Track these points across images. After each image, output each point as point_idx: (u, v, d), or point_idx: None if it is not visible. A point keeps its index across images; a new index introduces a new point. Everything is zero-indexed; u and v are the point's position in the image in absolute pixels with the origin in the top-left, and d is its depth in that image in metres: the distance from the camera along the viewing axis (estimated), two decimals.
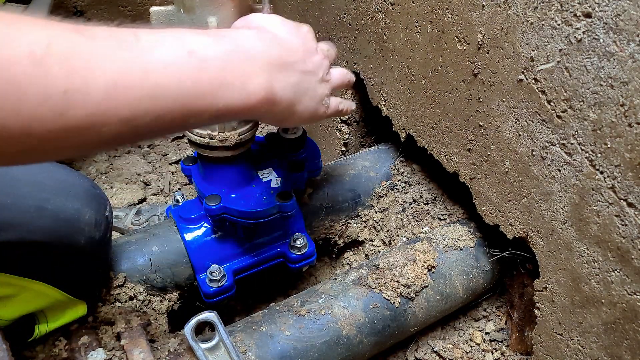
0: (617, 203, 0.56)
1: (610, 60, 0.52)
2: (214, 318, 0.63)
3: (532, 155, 0.66)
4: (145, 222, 1.11)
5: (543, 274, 0.69)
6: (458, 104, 0.77)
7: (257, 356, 0.67)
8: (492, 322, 0.89)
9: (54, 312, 0.64)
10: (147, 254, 0.80)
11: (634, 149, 0.52)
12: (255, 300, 1.01)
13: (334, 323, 0.72)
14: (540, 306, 0.71)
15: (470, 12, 0.69)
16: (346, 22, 0.99)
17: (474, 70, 0.71)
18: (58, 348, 0.65)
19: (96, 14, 1.28)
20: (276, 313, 0.73)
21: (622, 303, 0.58)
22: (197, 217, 0.81)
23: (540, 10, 0.59)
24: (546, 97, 0.61)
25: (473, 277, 0.83)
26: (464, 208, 0.91)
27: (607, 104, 0.54)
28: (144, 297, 0.77)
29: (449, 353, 0.87)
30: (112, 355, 0.64)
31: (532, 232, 0.69)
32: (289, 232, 0.86)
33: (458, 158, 0.80)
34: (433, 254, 0.81)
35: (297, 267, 0.86)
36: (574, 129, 0.59)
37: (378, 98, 0.96)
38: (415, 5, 0.79)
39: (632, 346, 0.58)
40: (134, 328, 0.67)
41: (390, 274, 0.78)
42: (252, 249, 0.84)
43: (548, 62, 0.60)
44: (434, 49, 0.78)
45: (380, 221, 0.99)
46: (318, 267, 1.07)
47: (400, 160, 1.01)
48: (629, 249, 0.56)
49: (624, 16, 0.50)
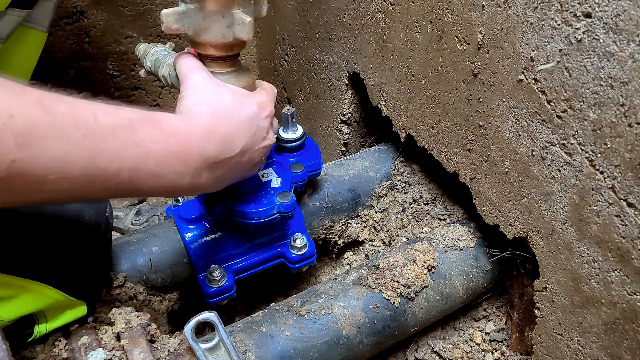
0: (617, 203, 0.56)
1: (610, 60, 0.52)
2: (214, 318, 0.63)
3: (532, 155, 0.66)
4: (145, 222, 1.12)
5: (543, 274, 0.69)
6: (458, 104, 0.77)
7: (257, 356, 0.67)
8: (492, 322, 0.89)
9: (54, 312, 0.64)
10: (147, 254, 0.80)
11: (634, 149, 0.52)
12: (255, 300, 1.01)
13: (334, 323, 0.72)
14: (540, 306, 0.71)
15: (470, 12, 0.69)
16: (346, 22, 0.99)
17: (474, 70, 0.71)
18: (58, 348, 0.65)
19: (96, 14, 1.28)
20: (276, 313, 0.73)
21: (622, 303, 0.58)
22: (197, 217, 0.81)
23: (540, 10, 0.59)
24: (546, 97, 0.61)
25: (473, 277, 0.83)
26: (464, 208, 0.91)
27: (607, 104, 0.54)
28: (144, 297, 0.77)
29: (449, 353, 0.87)
30: (112, 355, 0.64)
31: (532, 232, 0.69)
32: (288, 232, 0.86)
33: (458, 158, 0.80)
34: (433, 254, 0.81)
35: (297, 267, 0.86)
36: (574, 129, 0.59)
37: (378, 98, 0.96)
38: (415, 5, 0.79)
39: (632, 346, 0.58)
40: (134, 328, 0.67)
41: (390, 274, 0.78)
42: (252, 249, 0.84)
43: (548, 62, 0.60)
44: (434, 49, 0.78)
45: (380, 221, 0.99)
46: (318, 267, 1.07)
47: (400, 160, 1.01)
48: (629, 249, 0.56)
49: (624, 16, 0.50)
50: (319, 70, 1.14)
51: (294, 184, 0.84)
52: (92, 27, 1.29)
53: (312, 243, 0.86)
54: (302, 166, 0.85)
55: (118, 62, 1.37)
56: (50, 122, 0.40)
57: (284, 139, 0.86)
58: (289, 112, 0.86)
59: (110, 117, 0.45)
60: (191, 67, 0.62)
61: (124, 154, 0.46)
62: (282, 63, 1.33)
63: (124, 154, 0.46)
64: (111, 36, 1.32)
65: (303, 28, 1.16)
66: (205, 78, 0.61)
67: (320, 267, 1.08)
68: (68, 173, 0.42)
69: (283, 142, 0.86)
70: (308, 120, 1.24)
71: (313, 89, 1.20)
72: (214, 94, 0.59)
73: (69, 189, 0.43)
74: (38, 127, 0.39)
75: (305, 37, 1.16)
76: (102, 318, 0.70)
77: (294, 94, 1.31)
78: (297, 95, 1.29)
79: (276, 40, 1.32)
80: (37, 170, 0.40)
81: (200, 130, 0.54)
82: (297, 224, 0.87)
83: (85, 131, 0.42)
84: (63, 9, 1.24)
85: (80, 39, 1.29)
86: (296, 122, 0.88)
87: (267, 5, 0.67)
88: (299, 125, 0.88)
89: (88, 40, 1.31)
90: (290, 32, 1.23)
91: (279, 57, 1.34)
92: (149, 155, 0.48)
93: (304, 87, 1.24)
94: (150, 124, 0.49)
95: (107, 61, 1.36)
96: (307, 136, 0.89)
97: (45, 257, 0.61)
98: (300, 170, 0.84)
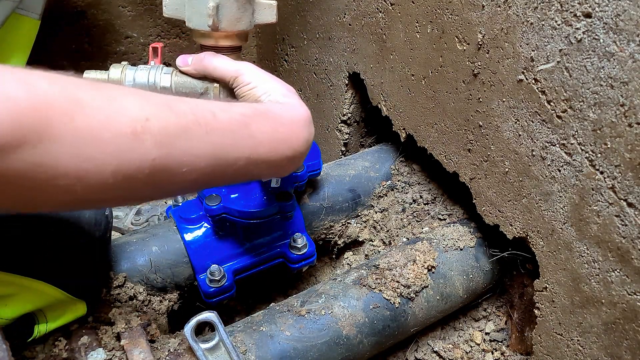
0: (617, 203, 0.56)
1: (610, 60, 0.52)
2: (214, 318, 0.63)
3: (532, 155, 0.66)
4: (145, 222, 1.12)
5: (543, 274, 0.69)
6: (458, 104, 0.77)
7: (257, 356, 0.67)
8: (492, 322, 0.89)
9: (54, 311, 0.64)
10: (147, 254, 0.80)
11: (634, 149, 0.52)
12: (255, 300, 1.01)
13: (334, 323, 0.72)
14: (540, 306, 0.71)
15: (470, 12, 0.69)
16: (346, 22, 0.99)
17: (474, 70, 0.71)
18: (58, 348, 0.65)
19: (96, 14, 1.28)
20: (276, 313, 0.73)
21: (622, 303, 0.58)
22: (197, 217, 0.81)
23: (540, 10, 0.59)
24: (546, 97, 0.61)
25: (473, 277, 0.83)
26: (464, 208, 0.91)
27: (607, 104, 0.54)
28: (144, 297, 0.77)
29: (449, 353, 0.87)
30: (112, 355, 0.64)
31: (532, 232, 0.69)
32: (288, 232, 0.86)
33: (458, 158, 0.80)
34: (433, 254, 0.81)
35: (297, 267, 0.86)
36: (574, 129, 0.59)
37: (378, 98, 0.96)
38: (415, 5, 0.79)
39: (632, 346, 0.58)
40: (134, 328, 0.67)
41: (390, 274, 0.78)
42: (252, 249, 0.84)
43: (548, 62, 0.60)
44: (434, 49, 0.78)
45: (380, 221, 0.99)
46: (318, 267, 1.07)
47: (400, 160, 1.01)
48: (629, 249, 0.56)
49: (624, 16, 0.50)
50: (319, 70, 1.14)
51: (294, 184, 0.84)
52: (92, 27, 1.29)
53: (312, 243, 0.86)
54: (302, 166, 0.85)
55: (118, 62, 1.37)
56: (178, 121, 0.44)
57: None
58: None
59: (226, 113, 0.49)
60: (230, 61, 0.65)
61: (241, 145, 0.50)
62: (282, 63, 1.33)
63: (240, 145, 0.50)
64: (111, 36, 1.32)
65: (303, 28, 1.16)
66: (254, 66, 0.65)
67: (320, 267, 1.08)
68: (196, 165, 0.46)
69: None
70: None
71: (313, 89, 1.20)
72: (276, 79, 0.65)
73: (197, 178, 0.47)
74: (169, 127, 0.43)
75: (305, 37, 1.16)
76: (102, 318, 0.70)
77: None
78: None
79: (276, 40, 1.32)
80: (172, 165, 0.44)
81: (303, 115, 0.59)
82: (297, 224, 0.87)
83: (207, 127, 0.47)
84: (63, 9, 1.24)
85: (80, 39, 1.29)
86: None
87: None
88: None
89: (88, 40, 1.31)
90: (290, 32, 1.23)
91: (279, 57, 1.34)
92: (260, 145, 0.52)
93: (304, 87, 1.24)
94: (260, 117, 0.53)
95: (107, 61, 1.36)
96: None
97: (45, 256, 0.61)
98: (300, 170, 0.84)
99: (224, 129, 0.49)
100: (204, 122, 0.47)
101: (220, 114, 0.49)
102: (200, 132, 0.46)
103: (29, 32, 0.82)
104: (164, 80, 0.69)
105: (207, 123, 0.47)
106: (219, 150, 0.48)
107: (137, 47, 1.37)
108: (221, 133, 0.48)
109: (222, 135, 0.48)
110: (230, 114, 0.50)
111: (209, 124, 0.47)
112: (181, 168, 0.45)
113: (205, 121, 0.47)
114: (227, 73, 0.64)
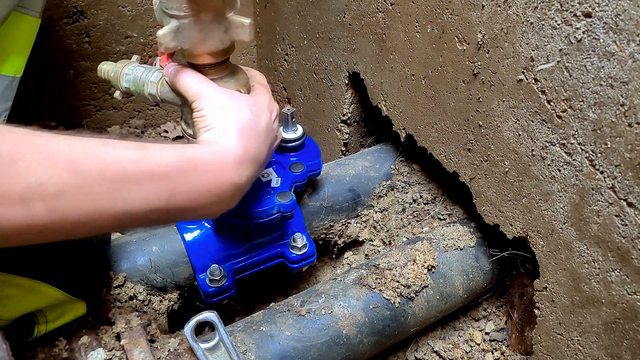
0: (617, 203, 0.56)
1: (610, 60, 0.52)
2: (214, 318, 0.63)
3: (532, 155, 0.66)
4: None
5: (543, 274, 0.69)
6: (458, 104, 0.77)
7: (257, 356, 0.67)
8: (492, 322, 0.89)
9: (54, 312, 0.64)
10: (147, 254, 0.80)
11: (634, 149, 0.52)
12: (255, 300, 1.01)
13: (334, 323, 0.72)
14: (540, 306, 0.71)
15: (470, 12, 0.69)
16: (346, 22, 0.99)
17: (474, 70, 0.71)
18: (58, 348, 0.65)
19: (96, 14, 1.28)
20: (276, 313, 0.73)
21: (622, 303, 0.58)
22: None
23: (540, 10, 0.59)
24: (546, 97, 0.61)
25: (473, 277, 0.83)
26: (464, 208, 0.91)
27: (607, 104, 0.54)
28: (144, 297, 0.77)
29: (449, 353, 0.87)
30: (112, 355, 0.64)
31: (532, 232, 0.69)
32: (288, 232, 0.86)
33: (458, 158, 0.80)
34: (433, 254, 0.81)
35: (297, 267, 0.86)
36: (574, 129, 0.59)
37: (378, 98, 0.96)
38: (415, 5, 0.79)
39: (632, 346, 0.58)
40: (134, 328, 0.67)
41: (390, 274, 0.78)
42: (252, 249, 0.84)
43: (548, 62, 0.60)
44: (434, 49, 0.78)
45: (380, 221, 0.99)
46: (318, 267, 1.07)
47: (400, 160, 1.01)
48: (629, 249, 0.56)
49: (624, 16, 0.50)
50: (319, 70, 1.14)
51: (294, 184, 0.84)
52: (92, 27, 1.29)
53: (312, 243, 0.86)
54: (302, 166, 0.85)
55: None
56: (79, 183, 0.44)
57: (284, 138, 0.86)
58: (289, 112, 0.86)
59: (137, 165, 0.48)
60: (197, 81, 0.62)
61: (154, 199, 0.49)
62: (282, 63, 1.33)
63: (153, 198, 0.48)
64: (111, 36, 1.32)
65: (303, 28, 1.16)
66: (217, 91, 0.62)
67: (320, 267, 1.08)
68: (100, 222, 0.46)
69: (283, 142, 0.86)
70: (308, 120, 1.24)
71: (313, 88, 1.20)
72: (233, 108, 0.60)
73: (103, 228, 0.48)
74: (66, 191, 0.43)
75: (305, 37, 1.16)
76: (102, 318, 0.70)
77: (294, 94, 1.31)
78: (297, 95, 1.29)
79: (276, 40, 1.32)
80: (67, 226, 0.44)
81: (233, 160, 0.55)
82: (297, 224, 0.87)
83: (114, 184, 0.46)
84: (63, 9, 1.24)
85: (80, 39, 1.29)
86: (296, 122, 0.88)
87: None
88: (299, 125, 0.88)
89: (88, 40, 1.31)
90: (290, 32, 1.23)
91: (279, 57, 1.34)
92: (178, 195, 0.50)
93: (304, 87, 1.24)
94: (181, 166, 0.51)
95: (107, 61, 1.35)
96: (307, 136, 0.89)
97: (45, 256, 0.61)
98: (300, 170, 0.84)
99: (134, 184, 0.47)
100: (111, 178, 0.46)
101: (131, 166, 0.47)
102: (105, 190, 0.45)
103: (29, 30, 0.81)
104: (151, 87, 0.70)
105: (114, 179, 0.46)
106: (128, 205, 0.47)
107: (137, 47, 1.37)
108: (129, 188, 0.47)
109: (129, 190, 0.47)
110: (143, 165, 0.48)
111: (117, 180, 0.46)
112: (80, 228, 0.45)
113: (113, 177, 0.46)
114: (189, 93, 0.62)
